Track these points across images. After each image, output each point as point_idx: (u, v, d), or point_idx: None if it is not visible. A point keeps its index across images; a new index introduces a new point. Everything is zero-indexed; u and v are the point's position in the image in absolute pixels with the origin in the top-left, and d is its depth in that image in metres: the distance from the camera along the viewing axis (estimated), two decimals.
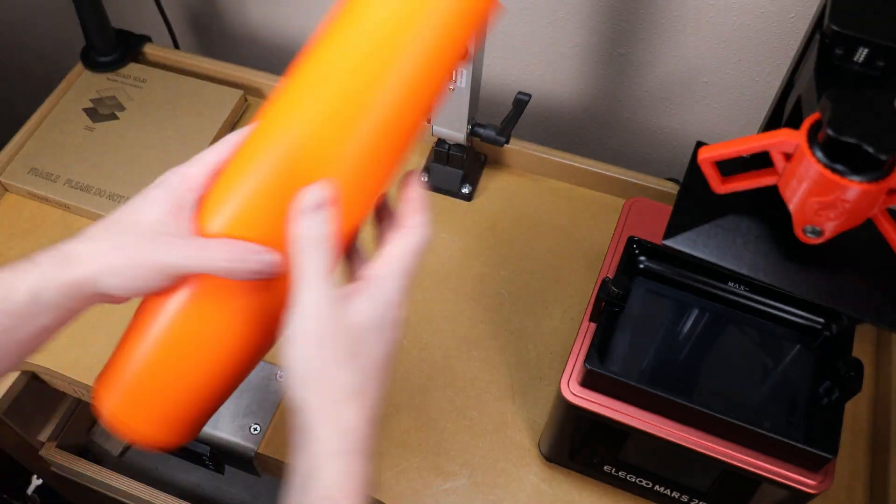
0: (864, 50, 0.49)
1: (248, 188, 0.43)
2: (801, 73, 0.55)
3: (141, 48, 1.04)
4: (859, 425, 0.75)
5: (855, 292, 0.53)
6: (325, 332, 0.39)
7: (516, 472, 0.73)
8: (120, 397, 0.44)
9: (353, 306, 0.40)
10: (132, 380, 0.44)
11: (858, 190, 0.44)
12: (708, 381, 0.62)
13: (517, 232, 0.89)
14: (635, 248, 0.66)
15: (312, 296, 0.39)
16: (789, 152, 0.47)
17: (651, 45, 0.91)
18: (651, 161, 1.05)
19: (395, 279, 0.42)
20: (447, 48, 0.43)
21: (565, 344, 0.80)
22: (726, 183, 0.52)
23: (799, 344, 0.63)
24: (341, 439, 0.39)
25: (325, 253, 0.40)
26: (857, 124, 0.42)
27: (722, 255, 0.55)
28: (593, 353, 0.59)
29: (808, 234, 0.48)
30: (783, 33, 0.84)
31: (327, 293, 0.39)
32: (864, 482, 0.72)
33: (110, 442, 1.09)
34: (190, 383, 0.44)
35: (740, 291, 0.64)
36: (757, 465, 0.58)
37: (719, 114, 0.96)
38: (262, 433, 0.75)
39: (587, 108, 1.03)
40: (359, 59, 0.42)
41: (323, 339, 0.39)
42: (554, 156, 0.92)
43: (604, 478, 0.70)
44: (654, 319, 0.64)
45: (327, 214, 0.40)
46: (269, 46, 1.14)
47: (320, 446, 0.38)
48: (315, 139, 0.42)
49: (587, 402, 0.61)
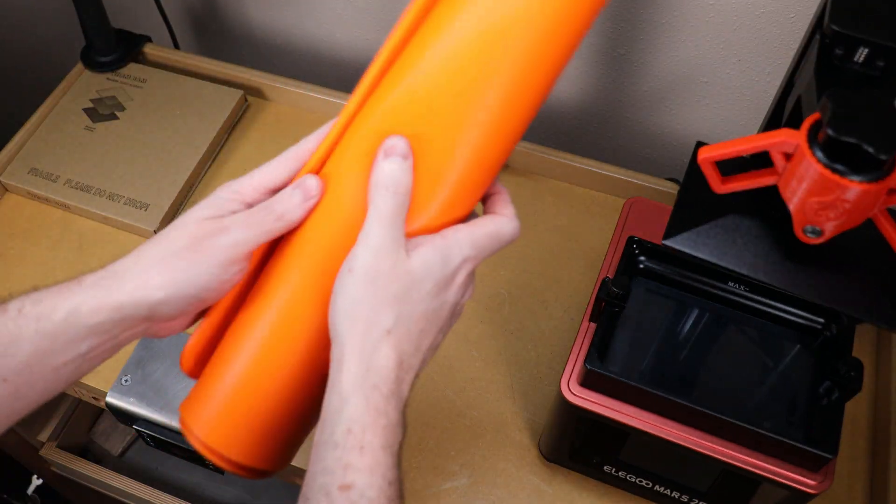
0: (864, 50, 0.49)
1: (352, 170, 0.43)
2: (801, 73, 0.55)
3: (141, 48, 1.04)
4: (859, 425, 0.75)
5: (855, 292, 0.53)
6: (382, 270, 0.40)
7: (516, 472, 0.73)
8: (209, 426, 0.45)
9: (416, 253, 0.41)
10: (220, 406, 0.44)
11: (858, 190, 0.44)
12: (708, 381, 0.62)
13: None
14: (635, 248, 0.66)
15: (378, 233, 0.40)
16: (789, 152, 0.47)
17: (651, 46, 0.91)
18: (651, 161, 1.05)
19: (464, 246, 0.42)
20: (563, 47, 0.42)
21: (565, 344, 0.80)
22: (726, 183, 0.52)
23: (799, 344, 0.63)
24: (370, 374, 0.39)
25: (399, 197, 0.41)
26: (857, 124, 0.42)
27: (722, 255, 0.55)
28: (593, 353, 0.59)
29: (808, 234, 0.48)
30: (783, 33, 0.84)
31: (393, 234, 0.40)
32: (864, 482, 0.72)
33: (110, 442, 1.09)
34: (275, 402, 0.45)
35: (740, 291, 0.64)
36: (757, 465, 0.58)
37: (719, 114, 0.96)
38: None
39: (587, 108, 1.03)
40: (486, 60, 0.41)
41: (378, 276, 0.40)
42: (554, 156, 0.92)
43: (604, 478, 0.70)
44: (654, 319, 0.64)
45: (407, 164, 0.41)
46: (269, 46, 1.14)
47: (349, 378, 0.39)
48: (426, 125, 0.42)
49: (587, 402, 0.61)
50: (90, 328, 0.41)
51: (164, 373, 0.76)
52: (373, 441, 0.38)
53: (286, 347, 0.44)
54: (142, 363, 0.77)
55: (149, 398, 0.75)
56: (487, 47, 0.41)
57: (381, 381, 0.40)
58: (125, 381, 0.76)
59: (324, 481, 0.38)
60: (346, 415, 0.38)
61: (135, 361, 0.77)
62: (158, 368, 0.76)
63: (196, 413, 0.45)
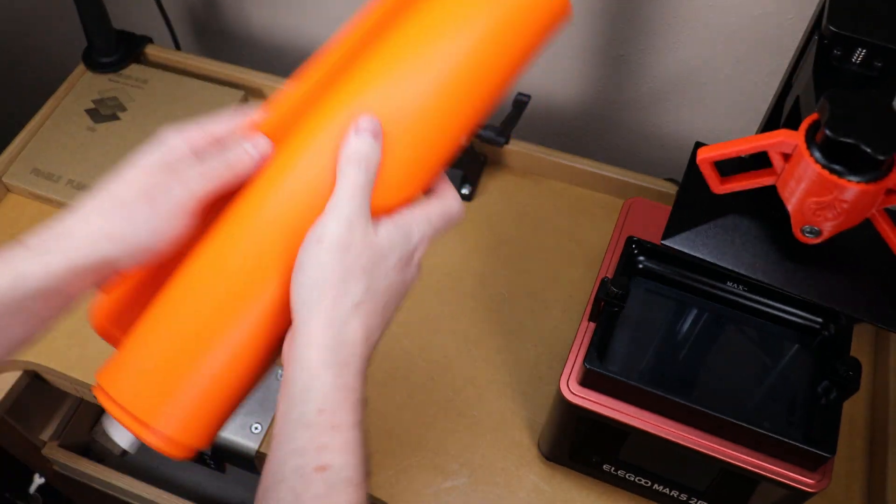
0: (862, 51, 0.49)
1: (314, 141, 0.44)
2: (800, 74, 0.56)
3: (142, 49, 1.04)
4: (857, 425, 0.75)
5: (853, 292, 0.54)
6: (351, 241, 0.40)
7: (516, 472, 0.73)
8: (141, 398, 0.42)
9: (381, 227, 0.42)
10: (157, 379, 0.42)
11: (856, 190, 0.44)
12: (707, 380, 0.62)
13: (517, 232, 0.90)
14: (634, 248, 0.66)
15: (349, 205, 0.40)
16: (788, 153, 0.47)
17: (650, 47, 0.92)
18: (650, 161, 1.05)
19: (422, 224, 0.44)
20: (517, 53, 0.46)
21: (565, 343, 0.80)
22: (725, 183, 0.52)
23: (797, 344, 0.63)
24: (340, 349, 0.39)
25: (367, 172, 0.41)
26: (855, 125, 0.43)
27: (721, 255, 0.55)
28: (593, 353, 0.60)
29: (806, 234, 0.48)
30: (781, 34, 0.84)
31: (363, 207, 0.41)
32: (862, 481, 0.72)
33: (112, 441, 1.09)
34: (207, 378, 0.42)
35: (739, 291, 0.64)
36: (755, 464, 0.58)
37: (718, 114, 0.96)
38: (264, 432, 0.75)
39: (587, 108, 1.03)
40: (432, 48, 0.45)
41: (348, 247, 0.40)
42: (554, 156, 0.93)
43: (603, 477, 0.70)
44: (654, 319, 0.64)
45: (378, 143, 0.42)
46: (269, 47, 1.15)
47: (319, 354, 0.39)
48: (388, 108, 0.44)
49: (586, 402, 0.61)
50: (38, 290, 0.39)
51: None
52: (345, 419, 0.38)
53: (236, 318, 0.42)
54: None
55: None
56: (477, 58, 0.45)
57: (350, 356, 0.39)
58: None
59: (297, 463, 0.37)
60: (316, 393, 0.38)
61: None
62: None
63: (123, 382, 0.43)
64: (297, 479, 0.37)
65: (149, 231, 0.41)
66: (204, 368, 0.42)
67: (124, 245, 0.41)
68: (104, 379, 0.44)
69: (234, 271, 0.42)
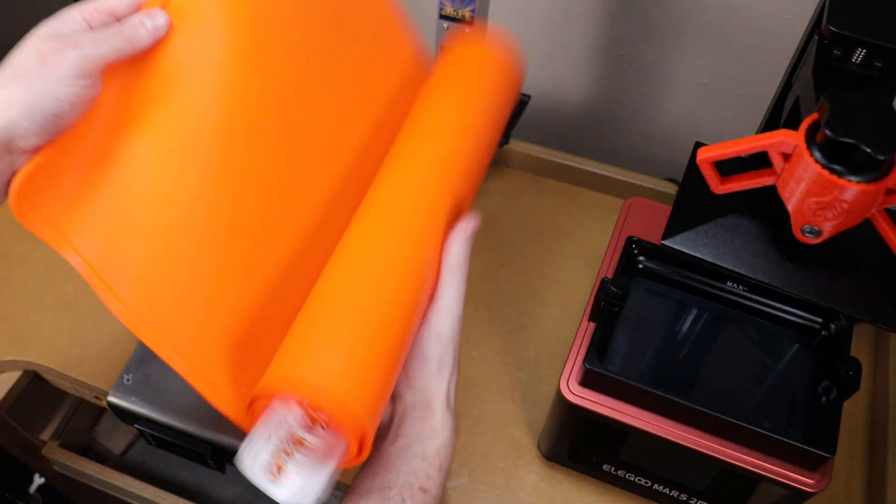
0: (862, 51, 0.49)
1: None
2: (800, 74, 0.56)
3: None
4: (857, 424, 0.75)
5: (853, 292, 0.54)
6: (457, 329, 0.52)
7: (516, 471, 0.73)
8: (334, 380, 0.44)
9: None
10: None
11: (856, 190, 0.44)
12: (707, 380, 0.62)
13: (517, 232, 0.90)
14: (634, 248, 0.66)
15: (459, 304, 0.52)
16: (788, 153, 0.47)
17: (650, 46, 0.92)
18: (650, 161, 1.05)
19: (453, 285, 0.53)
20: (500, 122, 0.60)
21: (565, 343, 0.80)
22: (725, 183, 0.52)
23: (797, 343, 0.63)
24: (448, 402, 0.52)
25: (466, 269, 0.53)
26: (855, 125, 0.43)
27: (720, 255, 0.55)
28: (592, 353, 0.60)
29: (806, 234, 0.48)
30: (781, 34, 0.84)
31: (462, 299, 0.52)
32: (862, 481, 0.72)
33: (112, 441, 1.09)
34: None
35: (739, 291, 0.64)
36: (755, 464, 0.58)
37: (718, 114, 0.96)
38: None
39: (587, 108, 1.03)
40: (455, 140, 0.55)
41: (455, 335, 0.52)
42: (554, 156, 0.93)
43: (603, 477, 0.70)
44: (653, 319, 0.65)
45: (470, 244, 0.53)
46: None
47: (439, 419, 0.51)
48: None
49: (586, 402, 0.61)
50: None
51: (165, 372, 0.76)
52: (444, 464, 0.51)
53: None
54: (144, 362, 0.77)
55: (150, 397, 0.75)
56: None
57: (451, 419, 0.52)
58: (127, 381, 0.76)
59: (409, 480, 0.48)
60: (437, 442, 0.50)
61: (136, 361, 0.77)
62: (160, 368, 0.77)
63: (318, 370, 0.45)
64: (406, 490, 0.48)
65: (47, 94, 0.42)
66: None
67: (25, 109, 0.41)
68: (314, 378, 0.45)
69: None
